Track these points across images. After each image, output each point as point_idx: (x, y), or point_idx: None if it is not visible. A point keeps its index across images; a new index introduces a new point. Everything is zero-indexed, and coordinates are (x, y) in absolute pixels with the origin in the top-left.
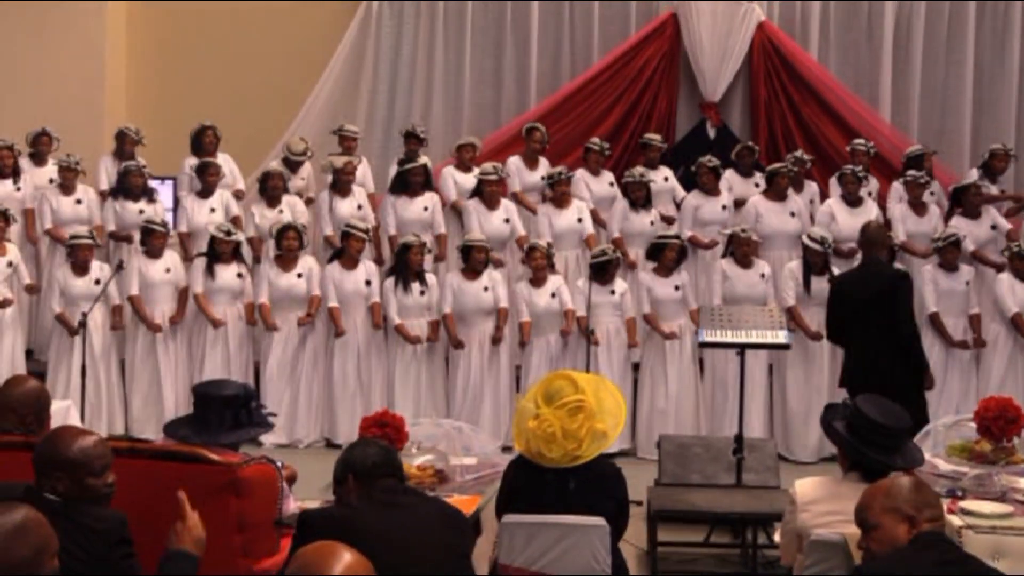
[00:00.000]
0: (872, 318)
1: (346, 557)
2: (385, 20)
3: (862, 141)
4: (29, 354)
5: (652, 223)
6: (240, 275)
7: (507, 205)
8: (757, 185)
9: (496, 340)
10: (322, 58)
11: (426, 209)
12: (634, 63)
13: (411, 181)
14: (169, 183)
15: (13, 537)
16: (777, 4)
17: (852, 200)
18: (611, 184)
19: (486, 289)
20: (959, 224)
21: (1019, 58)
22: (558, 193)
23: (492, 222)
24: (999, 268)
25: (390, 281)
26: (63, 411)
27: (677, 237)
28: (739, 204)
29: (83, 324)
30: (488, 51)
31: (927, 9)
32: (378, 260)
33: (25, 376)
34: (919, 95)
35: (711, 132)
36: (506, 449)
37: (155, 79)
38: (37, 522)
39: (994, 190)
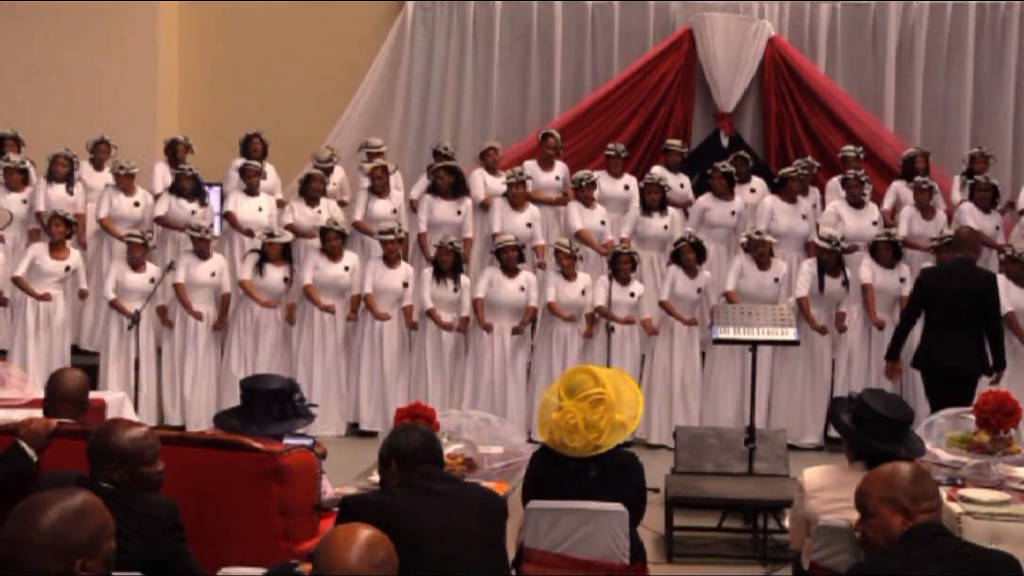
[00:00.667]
0: (956, 311)
1: (363, 535)
2: (418, 35)
3: (851, 147)
4: (75, 348)
5: (666, 227)
6: (286, 279)
7: (532, 210)
8: (753, 191)
9: (516, 331)
10: (364, 67)
11: (459, 213)
12: (652, 75)
13: (437, 184)
14: (216, 189)
15: (73, 520)
16: (787, 17)
17: (856, 202)
18: (626, 188)
19: (522, 289)
20: (970, 210)
21: (1016, 70)
22: (582, 197)
23: (516, 223)
24: (1000, 250)
25: (428, 271)
26: (118, 403)
27: (683, 240)
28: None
29: (136, 321)
30: (514, 64)
31: (929, 20)
32: (404, 258)
33: (71, 368)
34: (921, 105)
35: (724, 141)
36: (530, 440)
37: (205, 90)
38: (95, 505)
39: None
